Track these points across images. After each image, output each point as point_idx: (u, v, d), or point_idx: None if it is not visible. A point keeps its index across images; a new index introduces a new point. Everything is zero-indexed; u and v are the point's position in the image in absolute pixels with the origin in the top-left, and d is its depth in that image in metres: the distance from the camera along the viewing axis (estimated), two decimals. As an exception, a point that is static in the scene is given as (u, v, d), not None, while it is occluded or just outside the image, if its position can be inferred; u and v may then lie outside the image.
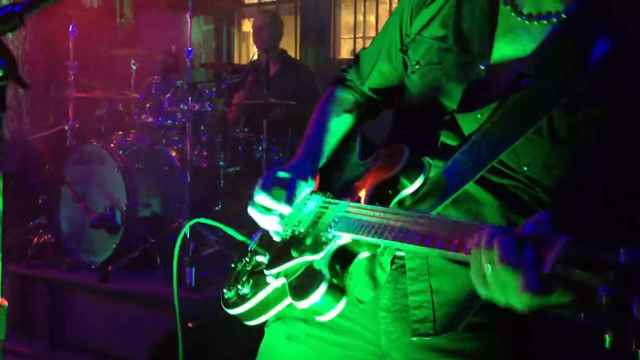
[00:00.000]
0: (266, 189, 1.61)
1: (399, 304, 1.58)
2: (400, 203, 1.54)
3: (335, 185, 1.70)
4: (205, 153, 5.18)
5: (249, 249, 1.76)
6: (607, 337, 1.00)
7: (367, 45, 6.62)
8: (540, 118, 1.44)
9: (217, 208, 5.20)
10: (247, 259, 1.74)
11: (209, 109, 4.93)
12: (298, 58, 6.99)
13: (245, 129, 5.26)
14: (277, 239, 1.66)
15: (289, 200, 1.61)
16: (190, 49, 4.69)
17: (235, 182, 5.31)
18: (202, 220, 1.99)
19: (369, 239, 1.42)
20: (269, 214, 1.62)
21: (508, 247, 1.12)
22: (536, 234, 1.12)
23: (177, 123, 5.03)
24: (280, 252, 1.63)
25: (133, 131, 5.24)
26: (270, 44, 5.69)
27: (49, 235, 4.93)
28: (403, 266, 1.57)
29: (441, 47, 1.63)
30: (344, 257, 1.52)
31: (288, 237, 1.63)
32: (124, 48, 5.47)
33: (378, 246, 1.50)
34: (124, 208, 4.62)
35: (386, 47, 1.80)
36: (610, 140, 1.42)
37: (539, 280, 1.08)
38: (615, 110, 1.41)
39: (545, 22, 1.51)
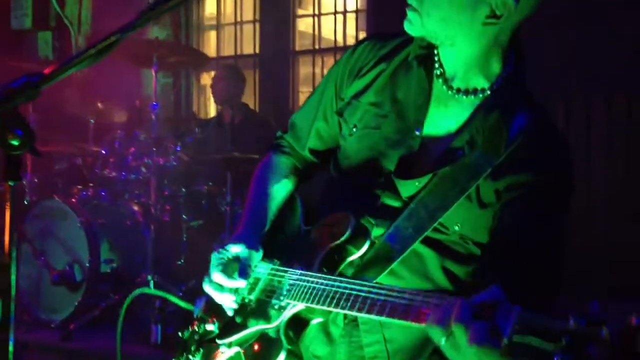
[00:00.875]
0: (219, 266, 1.67)
1: (355, 356, 1.64)
2: (347, 268, 1.62)
3: (282, 250, 1.76)
4: (168, 207, 5.14)
5: (195, 316, 1.77)
6: None
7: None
8: (471, 186, 1.57)
9: (180, 262, 5.14)
10: (195, 328, 1.76)
11: (174, 163, 4.92)
12: (258, 111, 7.06)
13: (210, 183, 5.25)
14: (229, 312, 1.70)
15: (243, 274, 1.67)
16: (155, 103, 4.71)
17: (198, 236, 5.27)
18: (146, 290, 2.02)
19: (325, 307, 1.49)
20: (225, 291, 1.67)
21: (466, 321, 1.23)
22: (488, 300, 1.24)
23: (141, 177, 5.00)
24: (232, 321, 1.68)
25: (91, 185, 5.18)
26: (232, 96, 5.74)
27: None
28: (355, 319, 1.64)
29: (378, 112, 1.75)
30: (297, 323, 1.60)
31: (238, 306, 1.68)
32: (81, 102, 5.42)
33: (331, 312, 1.57)
34: (87, 264, 4.54)
35: (322, 109, 1.89)
36: (523, 204, 1.57)
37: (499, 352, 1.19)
38: (529, 178, 1.57)
39: (472, 97, 1.66)
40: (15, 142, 1.19)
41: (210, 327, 1.71)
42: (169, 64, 5.31)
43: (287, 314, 1.57)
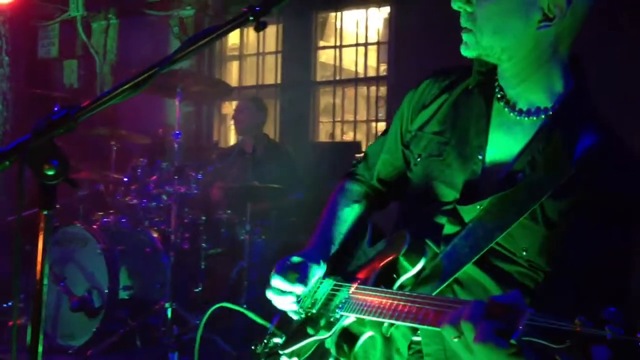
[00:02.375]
0: (280, 272, 1.77)
1: None
2: (403, 285, 1.65)
3: (346, 269, 1.82)
4: (188, 235, 5.17)
5: (268, 332, 1.86)
6: None
7: (344, 128, 6.77)
8: (532, 206, 1.54)
9: (197, 290, 5.15)
10: (265, 341, 1.84)
11: (195, 191, 4.96)
12: (278, 141, 7.11)
13: (229, 211, 5.28)
14: (294, 317, 1.79)
15: (301, 281, 1.76)
16: (178, 132, 4.77)
17: (216, 264, 5.30)
18: (225, 304, 2.06)
19: (370, 317, 1.56)
20: (284, 295, 1.76)
21: (478, 321, 1.26)
22: (505, 303, 1.26)
23: (161, 205, 5.05)
24: (295, 332, 1.76)
25: (112, 212, 5.23)
26: (254, 127, 5.81)
27: (25, 318, 4.80)
28: (420, 351, 1.65)
29: (440, 140, 1.76)
30: (350, 335, 1.66)
31: (303, 318, 1.76)
32: (104, 128, 5.50)
33: (381, 324, 1.60)
34: (106, 290, 4.56)
35: (388, 142, 1.96)
36: (590, 223, 1.52)
37: (508, 350, 1.21)
38: (594, 196, 1.52)
39: (535, 117, 1.64)
40: (50, 172, 1.22)
41: (277, 339, 1.81)
42: (192, 93, 5.38)
43: (340, 324, 1.64)
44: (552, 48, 1.60)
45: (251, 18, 1.41)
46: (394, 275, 1.66)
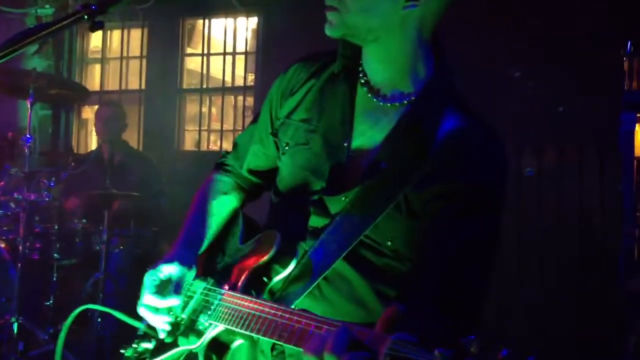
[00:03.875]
0: (151, 287, 1.65)
1: None
2: (273, 289, 1.60)
3: (217, 269, 1.75)
4: (38, 245, 4.89)
5: (138, 333, 1.75)
6: None
7: (211, 137, 6.67)
8: (397, 197, 1.54)
9: (48, 303, 4.88)
10: (135, 345, 1.74)
11: (47, 199, 4.71)
12: (141, 149, 6.90)
13: (84, 220, 5.05)
14: (162, 335, 1.68)
15: (178, 293, 1.66)
16: (29, 136, 4.52)
17: (70, 276, 5.05)
18: (90, 306, 1.95)
19: (240, 330, 1.50)
20: (159, 313, 1.65)
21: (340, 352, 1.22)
22: (367, 331, 1.25)
23: (9, 213, 4.74)
24: (163, 340, 1.67)
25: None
26: (115, 135, 5.61)
27: None
28: (283, 352, 1.61)
29: (307, 128, 1.72)
30: (219, 346, 1.59)
31: (171, 325, 1.67)
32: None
33: (251, 335, 1.54)
34: (-58, 305, 4.22)
35: (258, 131, 1.89)
36: (451, 214, 1.52)
37: None
38: (456, 186, 1.52)
39: (397, 104, 1.63)
40: None
41: (147, 345, 1.71)
42: (48, 96, 5.11)
43: (209, 335, 1.57)
44: (417, 31, 1.60)
45: (85, 17, 1.35)
46: (264, 279, 1.61)
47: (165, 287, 1.66)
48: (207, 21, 7.24)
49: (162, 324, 1.66)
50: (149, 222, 5.32)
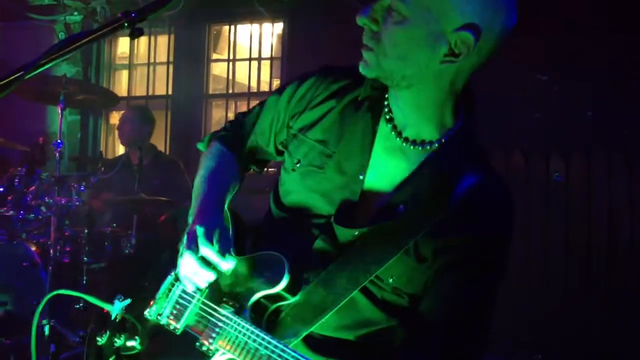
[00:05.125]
0: (214, 240, 1.55)
1: None
2: (276, 314, 1.59)
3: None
4: (69, 248, 4.95)
5: (114, 318, 1.65)
6: None
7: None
8: (410, 241, 1.54)
9: (78, 306, 4.93)
10: (115, 339, 1.64)
11: (77, 203, 4.77)
12: (168, 153, 6.97)
13: (114, 224, 5.11)
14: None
15: (235, 253, 1.59)
16: (60, 141, 4.58)
17: (99, 279, 5.10)
18: (62, 291, 1.89)
19: None
20: (208, 269, 1.56)
21: None
22: None
23: (40, 217, 4.81)
24: (158, 344, 1.63)
25: (-14, 224, 4.94)
26: (139, 138, 5.65)
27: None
28: None
29: (323, 151, 1.70)
30: None
31: (164, 328, 1.63)
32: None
33: None
34: (-24, 307, 4.29)
35: (262, 126, 1.86)
36: (457, 269, 1.55)
37: None
38: (468, 242, 1.55)
39: (420, 148, 1.62)
40: None
41: (131, 343, 1.62)
42: (77, 101, 5.19)
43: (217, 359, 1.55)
44: (451, 83, 1.57)
45: (126, 25, 1.38)
46: (267, 301, 1.60)
47: (221, 246, 1.56)
48: (232, 27, 7.30)
49: (203, 282, 1.58)
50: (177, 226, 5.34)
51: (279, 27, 7.03)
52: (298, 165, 1.72)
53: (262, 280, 1.59)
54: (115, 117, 7.79)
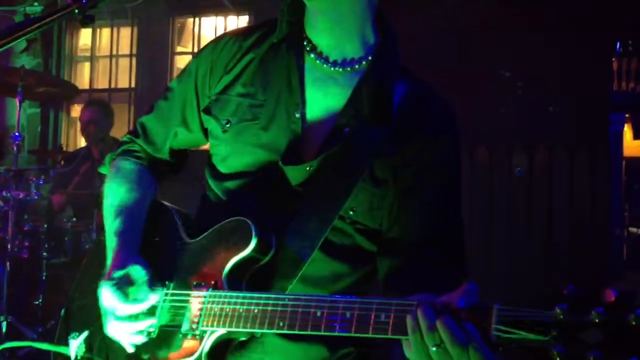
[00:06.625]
0: (122, 295, 1.49)
1: None
2: (255, 278, 1.49)
3: (168, 270, 1.59)
4: (27, 243, 4.86)
5: (75, 358, 1.59)
6: None
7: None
8: (366, 165, 1.51)
9: (37, 302, 4.85)
10: None
11: (36, 197, 4.68)
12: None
13: (74, 219, 5.03)
14: (130, 349, 1.53)
15: (150, 286, 1.52)
16: (18, 134, 4.49)
17: (59, 274, 5.02)
18: (12, 344, 1.80)
19: (250, 330, 1.38)
20: (140, 319, 1.50)
21: (454, 328, 1.15)
22: (469, 304, 1.17)
23: (-3, 211, 4.72)
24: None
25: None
26: (100, 135, 5.54)
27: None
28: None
29: (252, 103, 1.63)
30: (220, 348, 1.45)
31: (137, 345, 1.52)
32: None
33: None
34: None
35: (175, 110, 1.76)
36: (425, 176, 1.55)
37: (492, 351, 1.14)
38: (422, 148, 1.55)
39: (349, 69, 1.61)
40: None
41: None
42: (37, 94, 5.09)
43: (208, 342, 1.42)
44: None
45: (76, 11, 1.34)
46: (241, 269, 1.48)
47: (134, 291, 1.51)
48: (197, 20, 7.22)
49: (137, 334, 1.51)
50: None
51: (244, 19, 6.98)
52: (228, 125, 1.64)
53: (230, 248, 1.49)
54: (76, 110, 7.66)
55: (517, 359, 1.22)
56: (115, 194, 1.72)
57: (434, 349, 1.17)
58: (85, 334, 1.62)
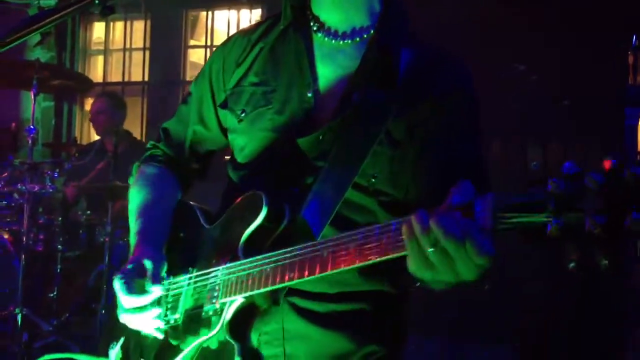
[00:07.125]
0: (127, 288, 1.54)
1: None
2: (272, 247, 1.45)
3: (191, 259, 1.62)
4: (42, 236, 4.90)
5: None
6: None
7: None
8: (378, 128, 1.51)
9: (52, 295, 4.88)
10: None
11: (50, 190, 4.70)
12: (144, 140, 6.89)
13: (88, 212, 5.05)
14: (160, 336, 1.58)
15: (157, 281, 1.56)
16: (32, 127, 4.51)
17: (74, 267, 5.05)
18: (55, 355, 1.85)
19: (264, 289, 1.38)
20: (147, 310, 1.55)
21: (447, 224, 1.12)
22: (464, 201, 1.14)
23: (13, 204, 4.74)
24: (163, 347, 1.56)
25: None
26: (112, 127, 5.55)
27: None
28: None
29: (265, 90, 1.66)
30: (242, 317, 1.45)
31: (165, 330, 1.57)
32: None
33: (273, 293, 1.43)
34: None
35: (194, 111, 1.81)
36: (439, 132, 1.52)
37: (490, 239, 1.10)
38: (434, 105, 1.54)
39: (357, 39, 1.63)
40: None
41: None
42: (51, 87, 5.11)
43: (227, 314, 1.43)
44: None
45: (97, 2, 1.34)
46: (257, 242, 1.47)
47: (140, 284, 1.55)
48: (210, 13, 7.22)
49: (151, 322, 1.56)
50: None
51: (257, 13, 6.97)
52: (243, 114, 1.67)
53: (244, 220, 1.49)
54: (90, 103, 7.69)
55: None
56: (135, 199, 1.79)
57: (430, 250, 1.14)
58: (121, 341, 1.67)
